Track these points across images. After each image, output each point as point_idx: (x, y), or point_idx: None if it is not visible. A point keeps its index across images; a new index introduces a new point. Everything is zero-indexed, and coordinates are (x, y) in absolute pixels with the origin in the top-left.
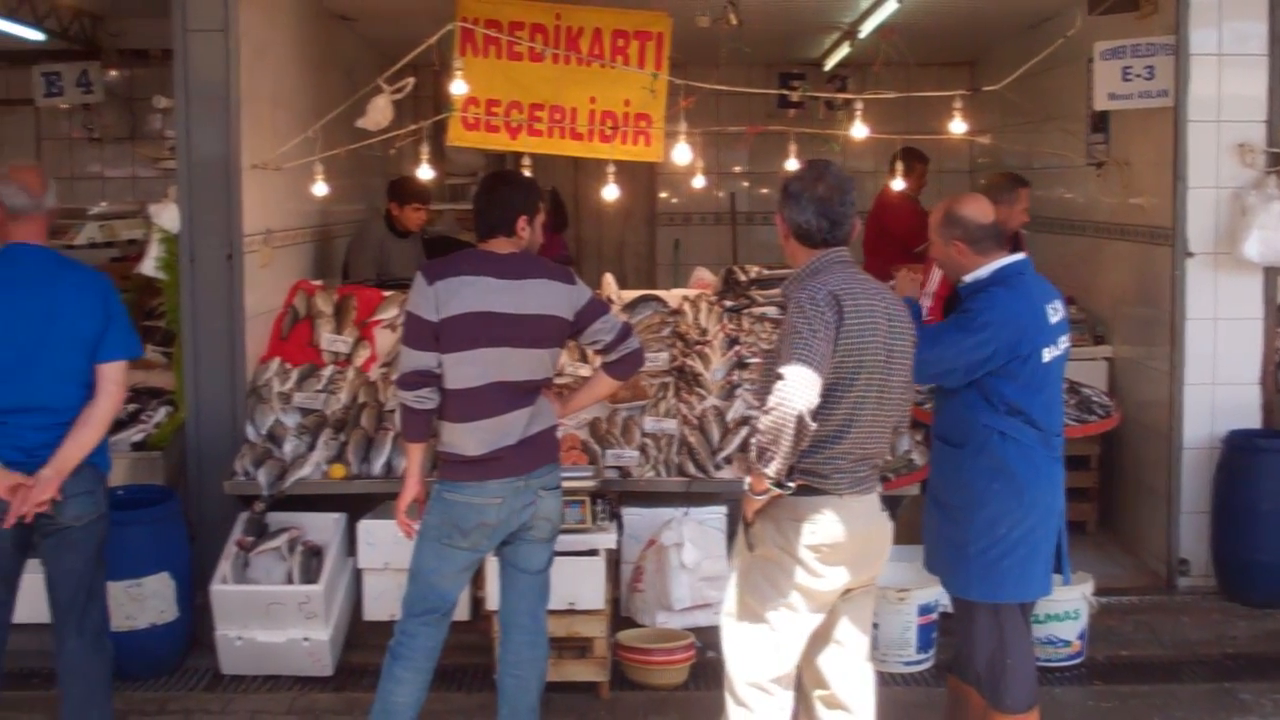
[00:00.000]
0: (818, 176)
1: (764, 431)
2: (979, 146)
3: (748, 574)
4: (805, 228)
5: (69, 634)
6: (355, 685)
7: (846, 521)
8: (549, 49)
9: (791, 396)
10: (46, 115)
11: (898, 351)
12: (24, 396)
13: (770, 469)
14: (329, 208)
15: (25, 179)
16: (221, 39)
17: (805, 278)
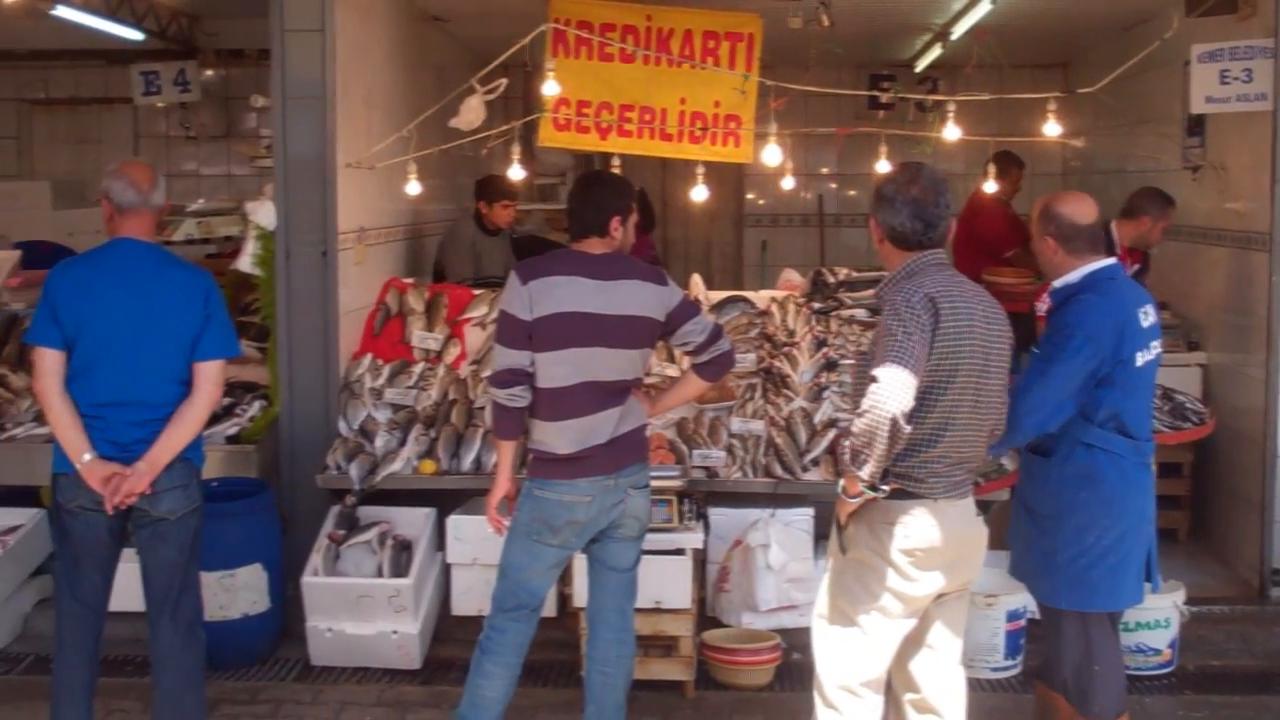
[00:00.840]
0: (911, 178)
1: (858, 434)
2: (1071, 150)
3: (840, 577)
4: (899, 230)
5: (163, 623)
6: (443, 679)
7: (941, 526)
8: (640, 50)
9: (886, 399)
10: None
11: (994, 354)
12: (122, 392)
13: (864, 472)
14: (420, 207)
15: (134, 175)
16: (318, 39)
17: (901, 280)
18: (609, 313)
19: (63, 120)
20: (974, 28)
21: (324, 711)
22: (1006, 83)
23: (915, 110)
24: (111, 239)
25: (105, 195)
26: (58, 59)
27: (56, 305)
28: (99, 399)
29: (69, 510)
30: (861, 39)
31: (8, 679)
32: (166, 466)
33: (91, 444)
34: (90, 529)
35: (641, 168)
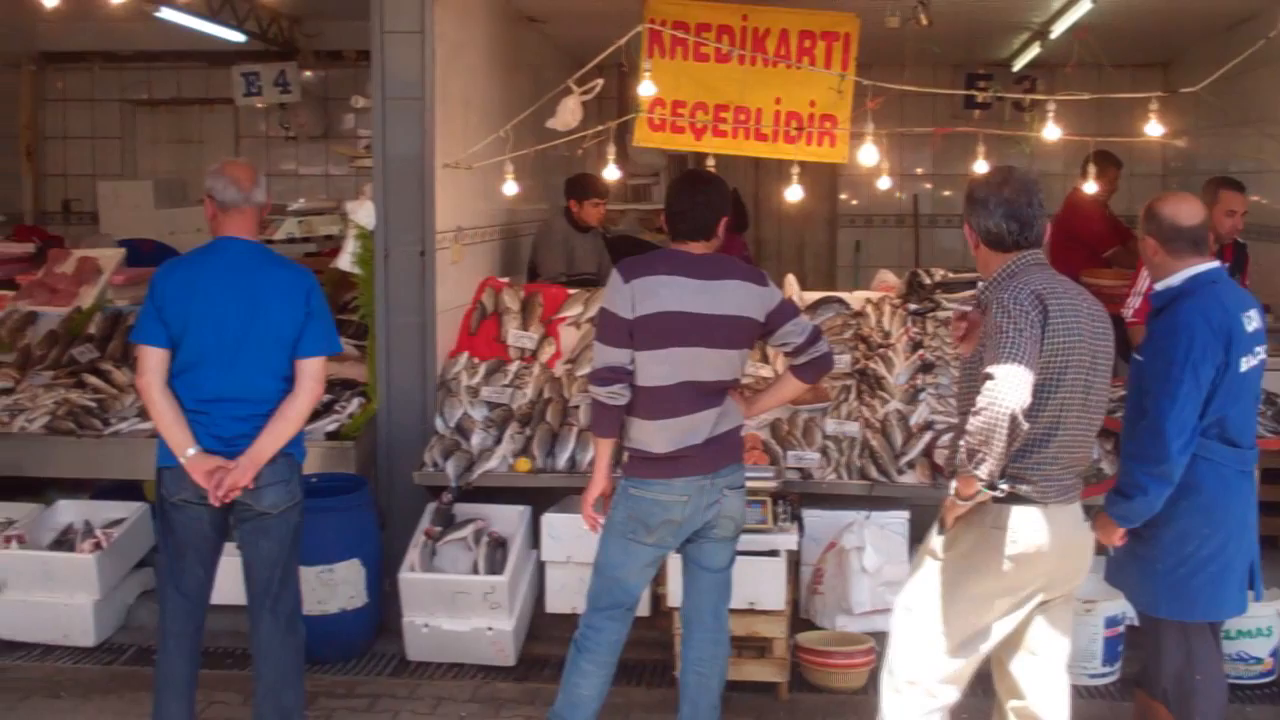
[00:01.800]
0: (1003, 180)
1: (974, 432)
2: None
3: (935, 576)
4: (994, 232)
5: (264, 617)
6: (537, 676)
7: (1050, 531)
8: (735, 50)
9: (1003, 395)
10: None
11: (1100, 354)
12: (225, 387)
13: (982, 470)
14: (515, 207)
15: (235, 174)
16: (418, 40)
17: (1005, 279)
18: (710, 313)
19: (165, 120)
20: (1074, 26)
21: (420, 706)
22: (1106, 82)
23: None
24: (215, 238)
25: (208, 194)
26: (161, 60)
27: (162, 304)
28: (203, 395)
29: (173, 504)
30: (959, 38)
31: (111, 669)
32: (269, 461)
33: (195, 439)
34: (193, 522)
35: (734, 168)
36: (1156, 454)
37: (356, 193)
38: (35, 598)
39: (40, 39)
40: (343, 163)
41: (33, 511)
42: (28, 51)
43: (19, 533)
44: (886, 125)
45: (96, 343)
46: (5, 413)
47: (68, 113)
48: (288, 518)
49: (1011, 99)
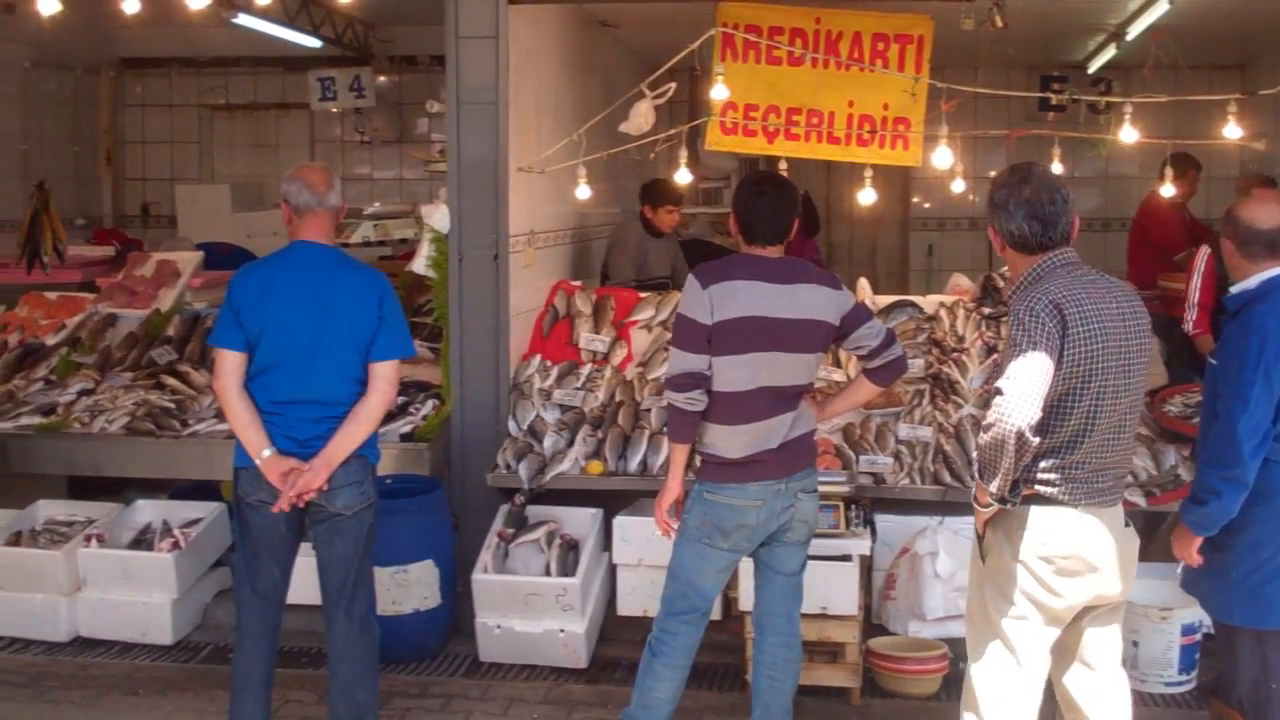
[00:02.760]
0: (1022, 179)
1: (983, 448)
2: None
3: (982, 584)
4: (1017, 234)
5: (338, 617)
6: (609, 678)
7: (1081, 534)
8: (808, 53)
9: (1009, 413)
10: (320, 118)
11: (1134, 353)
12: (300, 390)
13: (991, 486)
14: (587, 210)
15: (310, 178)
16: (492, 45)
17: (1026, 287)
18: (788, 317)
19: (242, 125)
20: (1151, 28)
21: (492, 707)
22: (1183, 84)
23: (1087, 112)
24: (291, 242)
25: (284, 199)
26: (238, 66)
27: (239, 308)
28: (279, 397)
29: (249, 504)
30: (1034, 40)
31: (188, 667)
32: (343, 463)
33: (270, 440)
34: (270, 522)
35: (806, 171)
36: (1229, 458)
37: (431, 197)
38: (114, 596)
39: (120, 45)
40: (417, 166)
41: (112, 511)
42: (108, 57)
43: (99, 532)
44: (960, 128)
45: (175, 344)
46: (86, 413)
47: (146, 117)
48: (361, 519)
49: (1087, 101)
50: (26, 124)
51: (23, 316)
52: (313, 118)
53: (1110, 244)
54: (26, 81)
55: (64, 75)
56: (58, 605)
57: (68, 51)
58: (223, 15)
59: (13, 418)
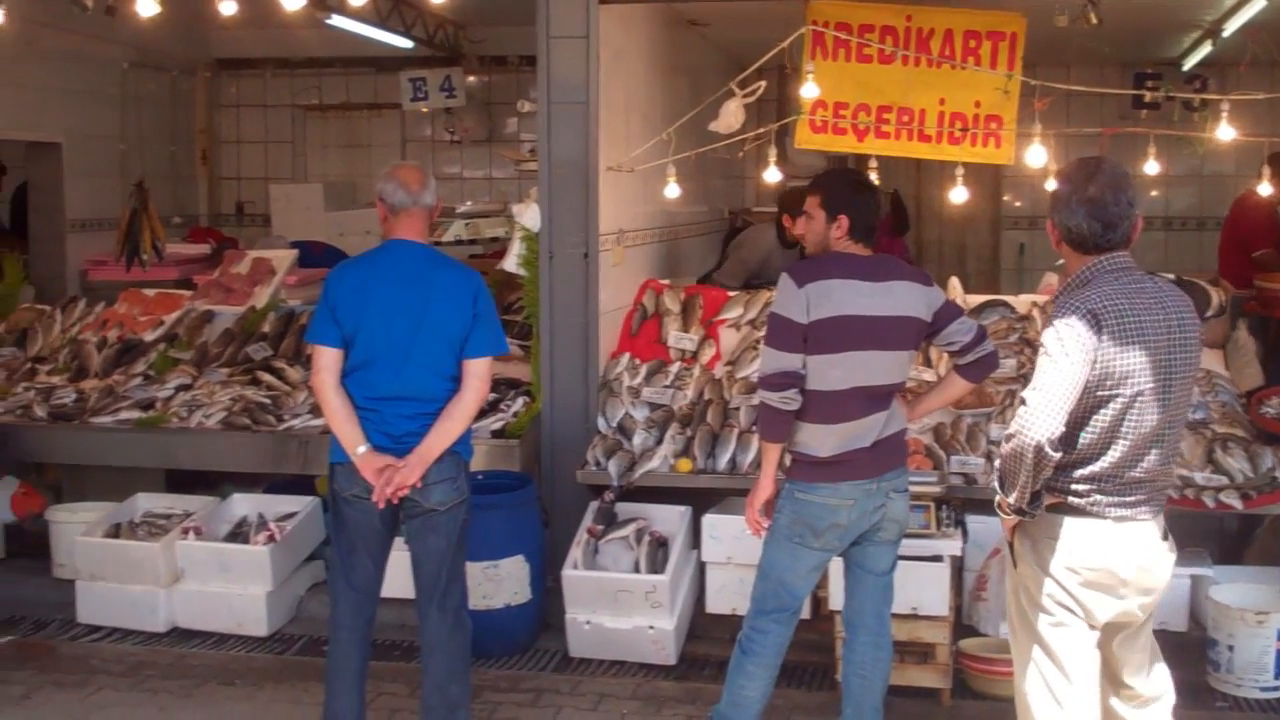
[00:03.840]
0: (1088, 176)
1: (1003, 459)
2: None
3: (1016, 591)
4: (1076, 233)
5: (431, 611)
6: (697, 675)
7: (1111, 548)
8: (899, 51)
9: (1030, 425)
10: (411, 118)
11: (1179, 364)
12: (396, 386)
13: (1011, 498)
14: (674, 209)
15: (405, 177)
16: (583, 45)
17: (1070, 291)
18: (882, 314)
19: (334, 125)
20: (1247, 25)
21: (582, 702)
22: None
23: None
24: (386, 240)
25: (379, 197)
26: (331, 67)
27: (335, 305)
28: (374, 393)
29: (345, 499)
30: (1128, 37)
31: (283, 659)
32: (437, 459)
33: (366, 436)
34: (365, 517)
35: (895, 169)
36: None
37: (519, 196)
38: (211, 588)
39: (215, 46)
40: (506, 165)
41: (209, 504)
42: (203, 59)
43: (196, 525)
44: (1053, 126)
45: (270, 341)
46: (183, 408)
47: (241, 118)
48: (455, 514)
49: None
50: (125, 124)
51: (122, 313)
52: (404, 117)
53: (1206, 242)
54: (125, 82)
55: (161, 76)
56: (156, 596)
57: (165, 53)
58: (317, 17)
59: (112, 412)
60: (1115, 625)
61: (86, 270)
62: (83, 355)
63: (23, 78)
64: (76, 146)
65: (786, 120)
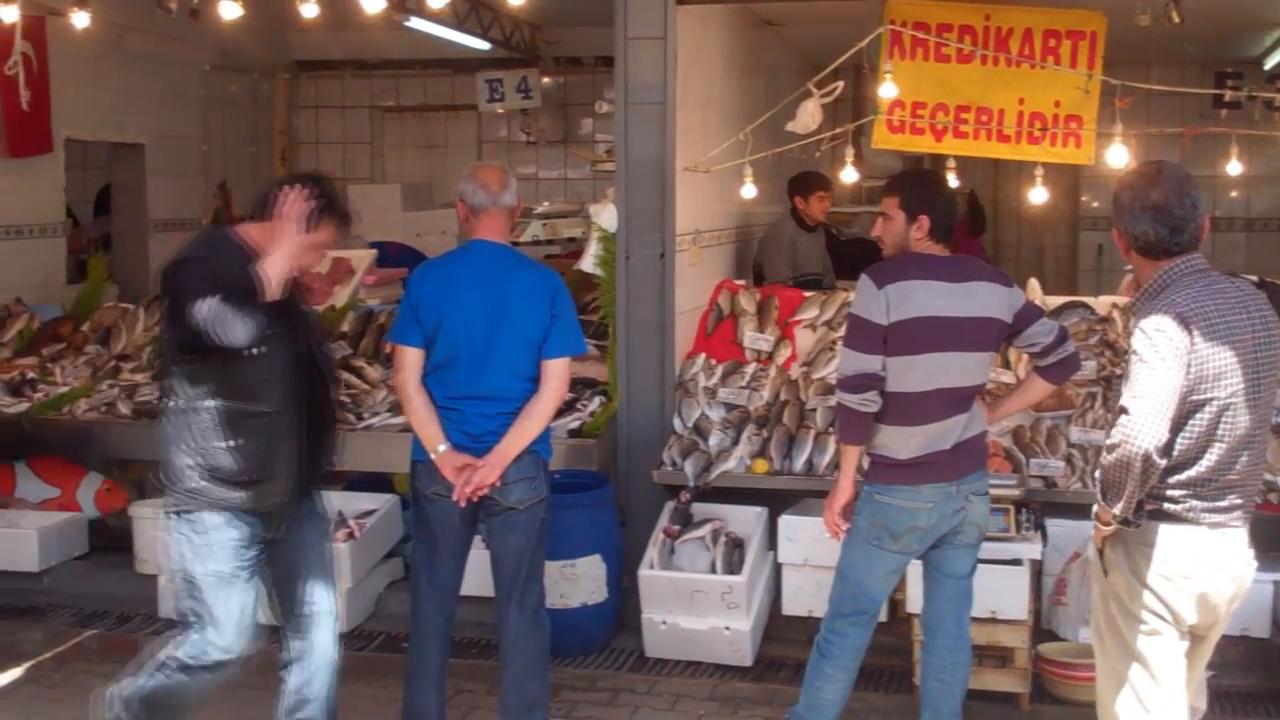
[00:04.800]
0: (1151, 181)
1: (1108, 469)
2: None
3: (1106, 599)
4: (1143, 239)
5: (511, 609)
6: (774, 677)
7: (1204, 553)
8: (978, 50)
9: (1136, 433)
10: (487, 119)
11: (1264, 365)
12: (476, 386)
13: (1116, 508)
14: (749, 209)
15: (486, 177)
16: (660, 46)
17: (1152, 296)
18: (963, 315)
19: (412, 126)
20: None
21: (659, 702)
22: None
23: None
24: (467, 240)
25: (460, 198)
26: (408, 68)
27: (417, 305)
28: (455, 392)
29: (426, 496)
30: (1209, 35)
31: (362, 655)
32: (516, 459)
33: (446, 435)
34: (445, 515)
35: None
36: None
37: (595, 196)
38: None
39: (295, 48)
40: (581, 166)
41: None
42: (283, 60)
43: None
44: (1133, 125)
45: (349, 340)
46: None
47: (320, 119)
48: (534, 513)
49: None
50: (206, 126)
51: None
52: (480, 118)
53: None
54: (207, 84)
55: (242, 78)
56: None
57: (246, 55)
58: (395, 19)
59: None
60: (1195, 634)
61: None
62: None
63: (108, 80)
64: (159, 147)
65: (864, 120)
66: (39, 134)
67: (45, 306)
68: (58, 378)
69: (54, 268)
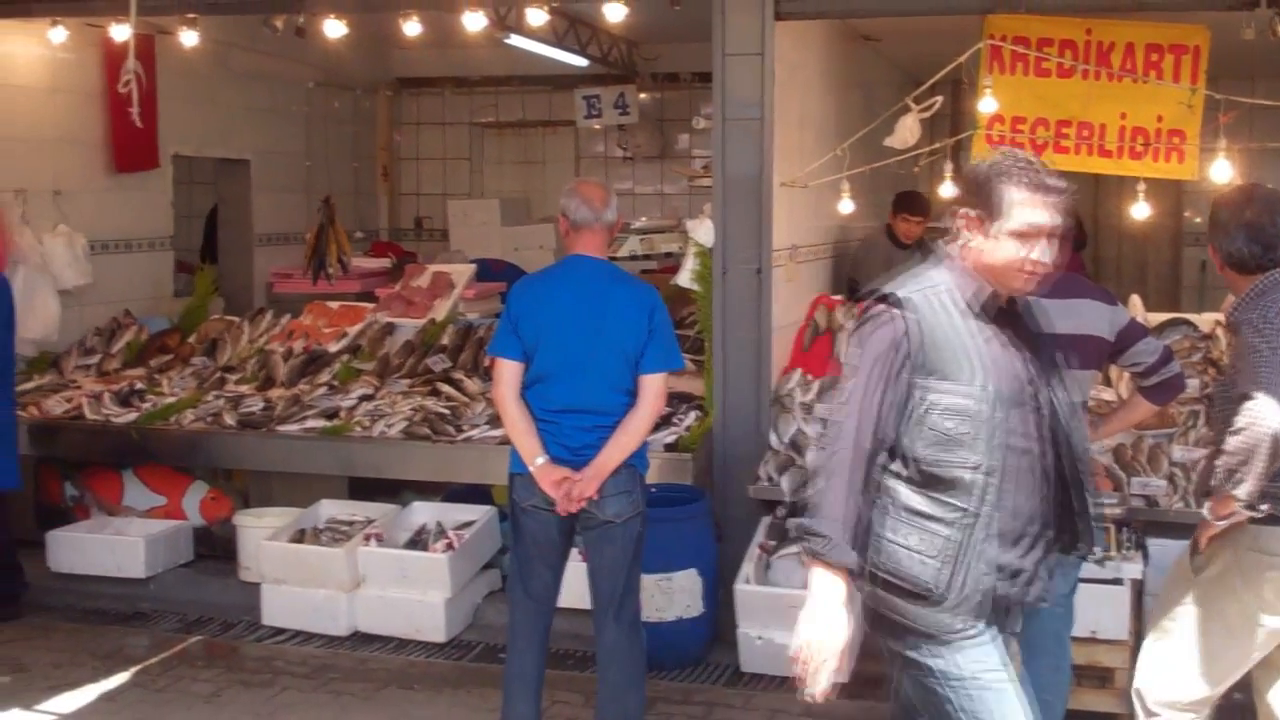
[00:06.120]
0: (1244, 202)
1: (1234, 452)
2: None
3: (1187, 597)
4: (1237, 256)
5: (608, 622)
6: (871, 694)
7: None
8: (1079, 64)
9: (1264, 415)
10: (584, 135)
11: None
12: (574, 399)
13: (1241, 491)
14: (845, 224)
15: (589, 194)
16: (758, 62)
17: (1251, 301)
18: (1064, 332)
19: (510, 142)
20: None
21: (754, 717)
22: None
23: None
24: (567, 255)
25: (563, 213)
26: (507, 85)
27: (517, 319)
28: (553, 406)
29: (523, 509)
30: None
31: (461, 665)
32: (613, 472)
33: (544, 448)
34: (543, 527)
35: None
36: None
37: (691, 211)
38: (391, 593)
39: (397, 66)
40: (678, 181)
41: (390, 512)
42: (385, 78)
43: (378, 531)
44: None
45: (449, 353)
46: (366, 418)
47: (421, 135)
48: (631, 526)
49: None
50: (310, 142)
51: (307, 325)
52: (578, 134)
53: None
54: (311, 101)
55: (345, 95)
56: (338, 601)
57: (349, 73)
58: (496, 36)
59: (298, 421)
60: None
61: (273, 283)
62: (270, 365)
63: (215, 97)
64: (264, 163)
65: (963, 135)
66: (147, 150)
67: (153, 319)
68: (165, 388)
69: (162, 281)
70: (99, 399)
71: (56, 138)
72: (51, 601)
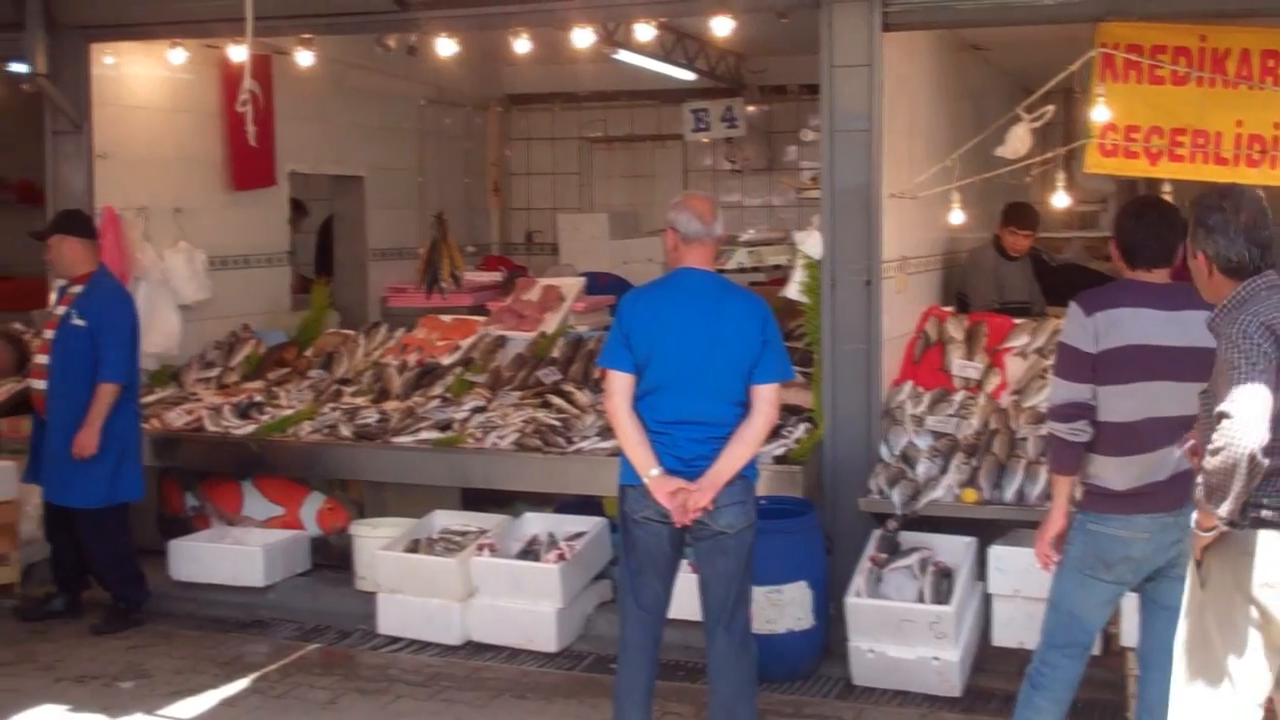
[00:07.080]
0: (1238, 205)
1: (1212, 472)
2: None
3: (1202, 611)
4: (1236, 260)
5: (718, 633)
6: (983, 709)
7: None
8: (1193, 72)
9: (1240, 435)
10: (692, 148)
11: None
12: (686, 410)
13: (1222, 510)
14: (955, 235)
15: (698, 207)
16: (866, 74)
17: (1232, 309)
18: (1178, 344)
19: (619, 156)
20: None
21: None
22: None
23: None
24: (676, 268)
25: (671, 226)
26: (616, 100)
27: (629, 332)
28: (666, 417)
29: (635, 520)
30: None
31: (572, 675)
32: (726, 483)
33: (658, 459)
34: (654, 538)
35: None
36: None
37: (799, 223)
38: (503, 603)
39: (507, 82)
40: (786, 193)
41: (502, 522)
42: (496, 94)
43: (490, 541)
44: None
45: (560, 365)
46: (478, 429)
47: (531, 150)
48: (743, 538)
49: None
50: (422, 158)
51: (421, 338)
52: (685, 148)
53: None
54: (423, 118)
55: (456, 112)
56: (451, 610)
57: (460, 90)
58: (604, 52)
59: (412, 432)
60: None
61: (387, 297)
62: (384, 378)
63: (330, 115)
64: (378, 179)
65: (1075, 144)
66: (263, 168)
67: (270, 332)
68: (283, 401)
69: (279, 295)
70: (219, 411)
71: (177, 156)
72: (173, 609)
